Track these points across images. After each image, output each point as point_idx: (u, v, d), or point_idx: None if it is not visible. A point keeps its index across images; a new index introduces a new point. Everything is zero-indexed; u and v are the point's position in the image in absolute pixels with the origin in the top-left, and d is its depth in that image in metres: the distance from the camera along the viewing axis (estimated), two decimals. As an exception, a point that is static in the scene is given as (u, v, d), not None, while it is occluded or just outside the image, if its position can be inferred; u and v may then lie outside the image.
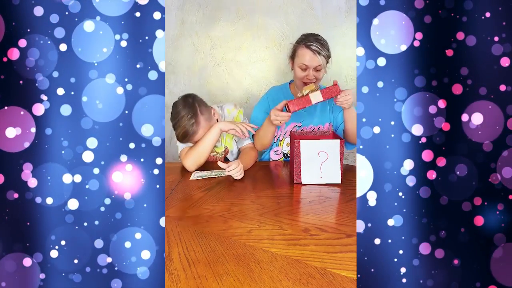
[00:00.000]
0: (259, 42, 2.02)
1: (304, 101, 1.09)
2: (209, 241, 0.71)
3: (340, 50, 1.98)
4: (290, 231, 0.76)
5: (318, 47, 1.25)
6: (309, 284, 0.56)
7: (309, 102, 1.08)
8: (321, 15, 1.99)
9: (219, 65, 2.01)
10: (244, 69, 2.05)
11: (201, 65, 2.03)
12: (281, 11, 1.98)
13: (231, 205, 0.93)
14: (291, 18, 1.99)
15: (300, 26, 1.99)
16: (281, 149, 1.47)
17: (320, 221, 0.81)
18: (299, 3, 1.98)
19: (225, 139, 1.46)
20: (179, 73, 2.05)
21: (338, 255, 0.65)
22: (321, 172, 1.09)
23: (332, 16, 1.99)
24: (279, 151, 1.48)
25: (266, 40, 2.02)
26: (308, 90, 1.10)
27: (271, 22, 1.99)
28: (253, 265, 0.62)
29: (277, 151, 1.48)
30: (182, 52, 2.03)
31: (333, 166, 1.09)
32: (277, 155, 1.49)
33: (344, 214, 0.86)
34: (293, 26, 2.00)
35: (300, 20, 2.00)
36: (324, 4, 1.98)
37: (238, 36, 2.01)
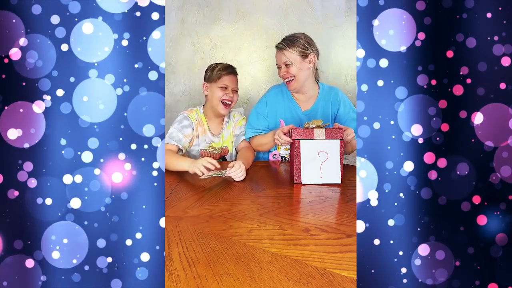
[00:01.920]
0: (259, 42, 2.02)
1: (307, 133, 1.11)
2: (209, 241, 0.71)
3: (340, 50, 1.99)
4: (290, 231, 0.76)
5: (282, 44, 1.31)
6: (309, 284, 0.56)
7: (312, 136, 1.11)
8: (321, 15, 1.99)
9: (219, 65, 2.01)
10: (244, 69, 2.05)
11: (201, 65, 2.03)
12: (281, 11, 1.99)
13: (231, 205, 0.93)
14: (291, 18, 2.00)
15: (300, 26, 1.99)
16: (279, 153, 1.49)
17: (320, 221, 0.81)
18: (299, 3, 1.98)
19: (225, 139, 1.46)
20: (179, 73, 2.05)
21: (338, 255, 0.65)
22: (321, 172, 1.09)
23: (332, 16, 1.99)
24: (277, 155, 1.49)
25: (266, 40, 2.02)
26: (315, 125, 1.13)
27: (271, 22, 2.00)
28: (253, 265, 0.62)
29: (275, 155, 1.50)
30: (182, 52, 2.03)
31: (333, 166, 1.09)
32: (275, 158, 1.50)
33: (344, 214, 0.86)
34: (293, 26, 2.00)
35: (300, 20, 2.00)
36: (324, 4, 1.98)
37: (238, 36, 2.01)
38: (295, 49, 1.29)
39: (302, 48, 1.29)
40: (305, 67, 1.31)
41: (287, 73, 1.32)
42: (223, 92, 1.37)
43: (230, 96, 1.38)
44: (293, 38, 1.31)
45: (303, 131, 1.11)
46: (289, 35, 1.33)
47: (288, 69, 1.31)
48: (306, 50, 1.30)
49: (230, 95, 1.38)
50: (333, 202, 0.95)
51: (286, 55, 1.30)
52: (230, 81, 1.39)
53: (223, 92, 1.37)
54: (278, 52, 1.33)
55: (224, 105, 1.38)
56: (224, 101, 1.37)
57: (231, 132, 1.48)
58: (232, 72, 1.40)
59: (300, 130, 1.12)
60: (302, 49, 1.29)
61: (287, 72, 1.32)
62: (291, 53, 1.29)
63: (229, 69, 1.39)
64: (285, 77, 1.33)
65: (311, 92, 1.42)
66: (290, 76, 1.32)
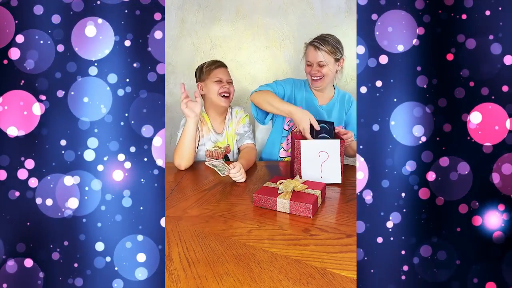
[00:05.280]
0: (259, 42, 2.02)
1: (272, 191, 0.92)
2: (209, 241, 0.71)
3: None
4: (290, 231, 0.76)
5: (319, 42, 1.34)
6: (309, 284, 0.56)
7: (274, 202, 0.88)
8: (321, 15, 1.99)
9: (219, 65, 2.01)
10: (244, 69, 2.05)
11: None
12: (281, 11, 1.98)
13: (231, 205, 0.93)
14: (291, 18, 1.99)
15: (300, 26, 1.99)
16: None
17: (320, 221, 0.81)
18: (299, 3, 1.98)
19: (228, 137, 1.47)
20: (179, 73, 2.05)
21: (338, 255, 0.65)
22: (322, 172, 1.09)
23: (332, 16, 1.99)
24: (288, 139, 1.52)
25: (266, 40, 2.02)
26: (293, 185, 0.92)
27: (271, 22, 1.99)
28: (253, 265, 0.62)
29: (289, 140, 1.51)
30: (182, 52, 2.03)
31: (333, 166, 1.09)
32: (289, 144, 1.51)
33: (344, 214, 0.86)
34: (293, 26, 2.00)
35: (300, 20, 2.00)
36: (324, 4, 1.98)
37: (238, 36, 2.01)
38: (332, 51, 1.35)
39: (337, 51, 1.36)
40: (334, 69, 1.39)
41: (318, 72, 1.37)
42: (219, 86, 1.39)
43: (227, 88, 1.40)
44: (329, 40, 1.35)
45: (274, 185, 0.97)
46: (324, 36, 1.37)
47: (320, 68, 1.37)
48: (340, 53, 1.37)
49: (226, 87, 1.40)
50: (333, 202, 0.95)
51: (323, 55, 1.34)
52: (223, 73, 1.41)
53: (219, 85, 1.39)
54: (314, 50, 1.36)
55: (223, 97, 1.40)
56: (222, 93, 1.39)
57: (234, 129, 1.48)
58: (221, 65, 1.43)
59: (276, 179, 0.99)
60: (337, 52, 1.36)
61: (319, 71, 1.37)
62: (328, 55, 1.35)
63: (218, 63, 1.43)
64: (316, 75, 1.38)
65: (329, 93, 1.50)
66: (320, 75, 1.38)
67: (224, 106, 1.43)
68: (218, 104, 1.41)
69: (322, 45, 1.34)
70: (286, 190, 0.90)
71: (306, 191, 0.91)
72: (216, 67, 1.41)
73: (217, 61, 1.44)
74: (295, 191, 0.91)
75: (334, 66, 1.38)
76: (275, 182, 0.98)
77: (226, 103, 1.41)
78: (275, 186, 0.96)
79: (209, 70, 1.40)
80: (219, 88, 1.38)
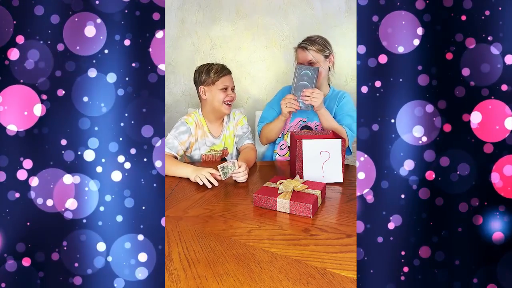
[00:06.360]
0: (259, 42, 2.02)
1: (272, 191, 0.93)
2: (209, 241, 0.71)
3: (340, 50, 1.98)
4: (290, 231, 0.76)
5: (307, 43, 1.41)
6: (309, 284, 0.56)
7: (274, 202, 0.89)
8: (321, 15, 1.99)
9: (219, 65, 2.01)
10: (244, 69, 2.05)
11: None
12: (281, 11, 1.99)
13: (231, 205, 0.93)
14: (291, 18, 2.00)
15: (300, 26, 1.99)
16: (286, 142, 1.52)
17: (320, 221, 0.81)
18: (299, 3, 1.98)
19: (226, 140, 1.46)
20: (179, 73, 2.05)
21: (338, 255, 0.65)
22: (323, 172, 1.09)
23: (332, 16, 1.99)
24: (284, 144, 1.53)
25: (266, 40, 2.02)
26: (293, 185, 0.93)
27: (271, 22, 2.00)
28: (253, 265, 0.62)
29: (282, 145, 1.53)
30: (182, 52, 2.03)
31: (334, 165, 1.09)
32: (282, 149, 1.53)
33: (344, 214, 0.86)
34: (293, 26, 2.00)
35: (300, 20, 2.00)
36: (324, 4, 1.98)
37: (238, 36, 2.01)
38: (321, 49, 1.41)
39: (325, 48, 1.42)
40: (326, 66, 1.44)
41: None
42: (224, 94, 1.37)
43: (232, 96, 1.39)
44: (316, 39, 1.42)
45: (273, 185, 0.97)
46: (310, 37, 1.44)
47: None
48: (328, 50, 1.43)
49: (231, 95, 1.39)
50: (333, 202, 0.95)
51: (312, 54, 1.40)
52: (230, 81, 1.40)
53: (224, 93, 1.37)
54: (303, 51, 1.41)
55: (227, 105, 1.39)
56: (226, 102, 1.38)
57: (232, 131, 1.48)
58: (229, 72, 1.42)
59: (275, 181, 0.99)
60: (326, 49, 1.42)
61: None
62: (317, 53, 1.40)
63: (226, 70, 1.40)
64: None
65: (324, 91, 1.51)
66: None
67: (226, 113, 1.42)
68: (220, 111, 1.40)
69: (310, 45, 1.39)
70: (286, 190, 0.91)
71: (306, 191, 0.91)
72: (224, 75, 1.38)
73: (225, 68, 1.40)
74: (295, 191, 0.91)
75: (325, 63, 1.43)
76: (275, 182, 0.98)
77: (228, 110, 1.41)
78: (275, 186, 0.96)
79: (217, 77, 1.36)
80: (225, 96, 1.37)
